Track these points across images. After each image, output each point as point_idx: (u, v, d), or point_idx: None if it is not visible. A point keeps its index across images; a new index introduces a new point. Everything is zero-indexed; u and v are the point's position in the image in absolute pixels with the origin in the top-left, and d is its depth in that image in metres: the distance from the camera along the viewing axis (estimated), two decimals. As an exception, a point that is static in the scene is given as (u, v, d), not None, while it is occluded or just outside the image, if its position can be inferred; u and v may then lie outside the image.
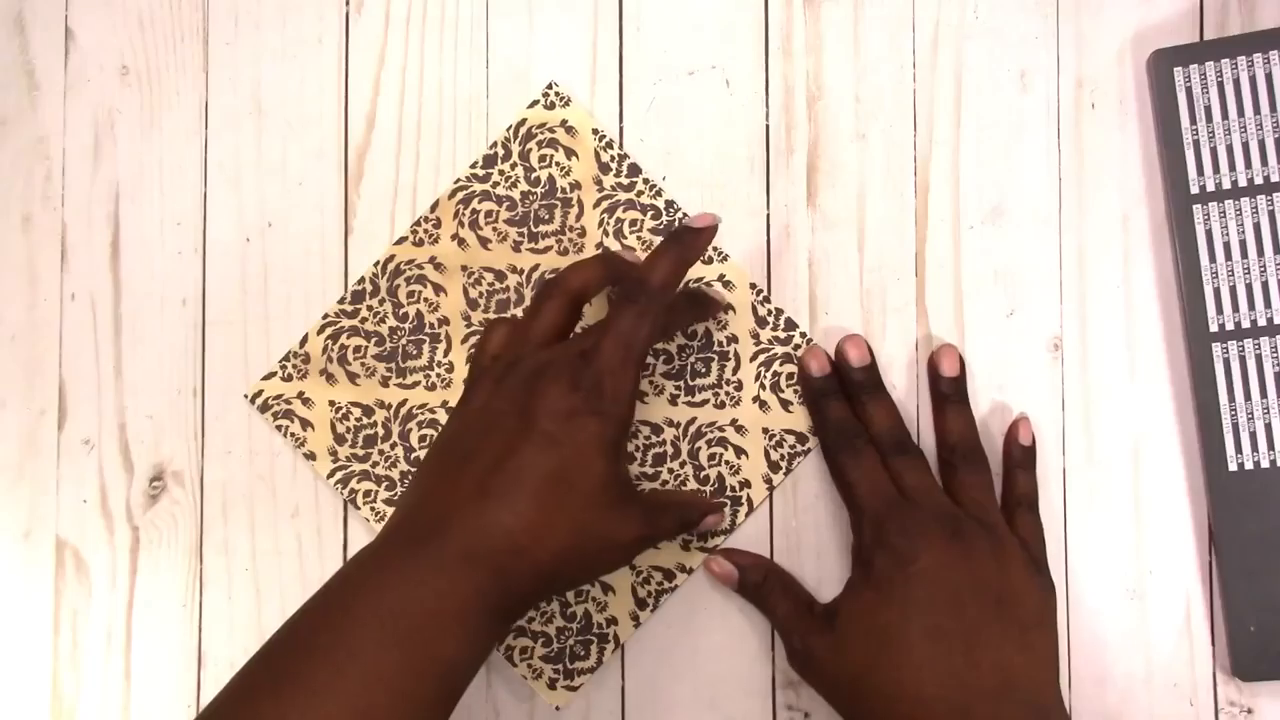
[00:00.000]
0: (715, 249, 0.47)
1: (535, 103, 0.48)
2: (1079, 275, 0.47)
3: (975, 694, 0.39)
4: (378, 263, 0.48)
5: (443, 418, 0.47)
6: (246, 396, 0.48)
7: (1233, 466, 0.45)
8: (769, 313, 0.47)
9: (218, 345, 0.48)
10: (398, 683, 0.35)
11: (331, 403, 0.47)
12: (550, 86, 0.48)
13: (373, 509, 0.47)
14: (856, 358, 0.45)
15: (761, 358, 0.47)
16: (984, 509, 0.43)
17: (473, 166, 0.48)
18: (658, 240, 0.47)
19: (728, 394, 0.47)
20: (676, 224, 0.47)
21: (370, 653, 0.35)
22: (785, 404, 0.47)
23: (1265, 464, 0.45)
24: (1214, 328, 0.45)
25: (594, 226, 0.47)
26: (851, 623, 0.42)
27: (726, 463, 0.47)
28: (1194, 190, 0.46)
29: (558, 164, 0.48)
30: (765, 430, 0.47)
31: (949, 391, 0.45)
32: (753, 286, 0.47)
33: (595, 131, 0.48)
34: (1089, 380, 0.47)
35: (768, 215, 0.48)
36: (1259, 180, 0.45)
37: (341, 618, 0.36)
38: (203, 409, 0.48)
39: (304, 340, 0.48)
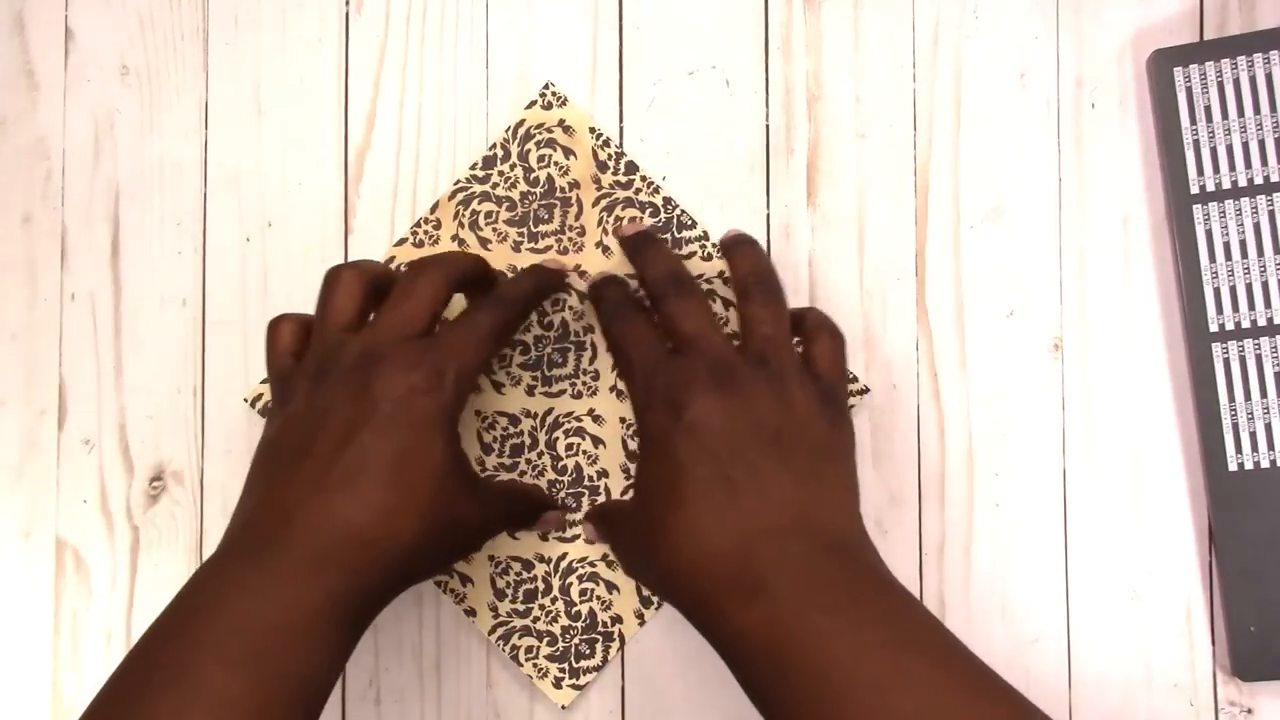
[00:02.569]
0: (714, 245, 0.47)
1: (533, 103, 0.48)
2: (1079, 275, 0.47)
3: (756, 538, 0.35)
4: (378, 263, 0.48)
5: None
6: (246, 400, 0.48)
7: (1233, 466, 0.45)
8: None
9: (218, 345, 0.48)
10: (249, 707, 0.33)
11: (331, 403, 0.47)
12: (547, 86, 0.48)
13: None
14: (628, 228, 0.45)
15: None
16: (773, 343, 0.40)
17: (472, 168, 0.48)
18: None
19: None
20: (675, 220, 0.47)
21: (216, 680, 0.33)
22: None
23: (1265, 464, 0.45)
24: (1214, 328, 0.45)
25: (593, 225, 0.47)
26: (636, 494, 0.39)
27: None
28: (1194, 190, 0.46)
29: (556, 164, 0.48)
30: None
31: (736, 237, 0.44)
32: None
33: (592, 130, 0.48)
34: (1089, 380, 0.47)
35: (768, 215, 0.48)
36: (1259, 180, 0.45)
37: (183, 646, 0.34)
38: (203, 409, 0.48)
39: (304, 340, 0.48)
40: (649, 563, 0.38)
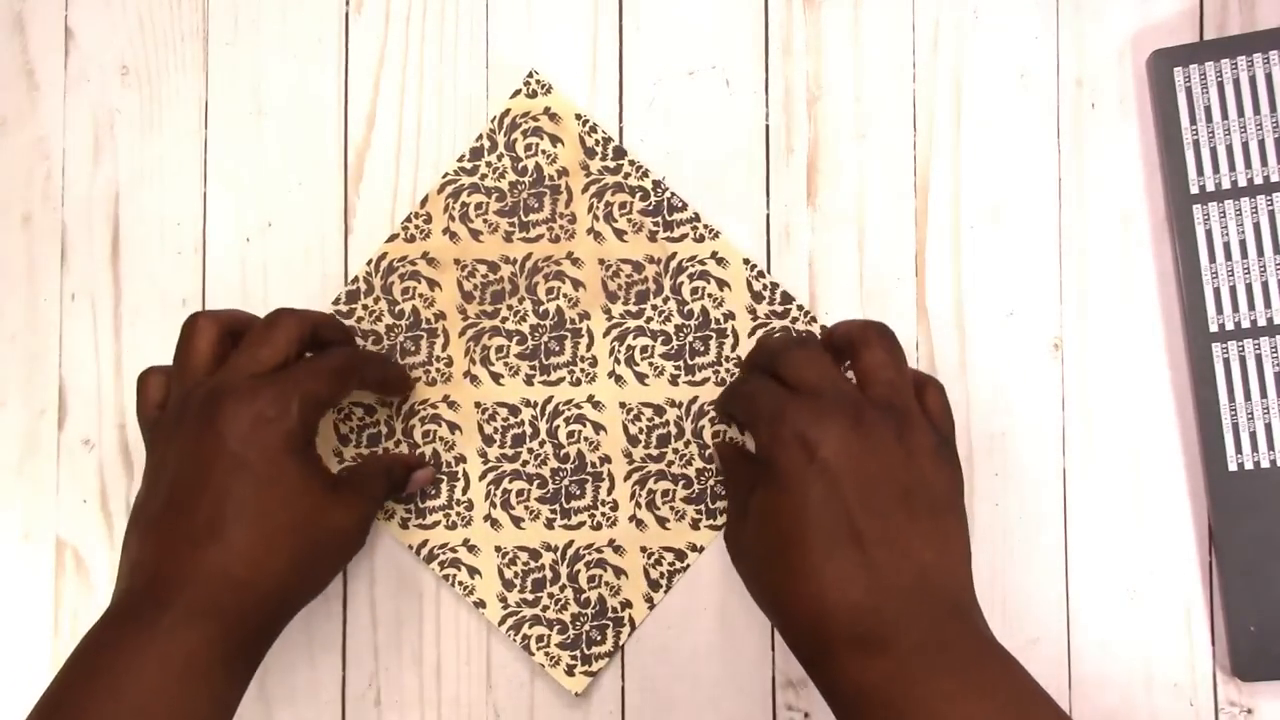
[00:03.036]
0: (706, 226, 0.47)
1: (517, 92, 0.48)
2: (1079, 275, 0.47)
3: (884, 594, 0.36)
4: (370, 261, 0.48)
5: (445, 412, 0.47)
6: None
7: (1233, 466, 0.45)
8: (764, 287, 0.47)
9: (217, 345, 0.48)
10: None
11: (331, 403, 0.47)
12: (531, 74, 0.48)
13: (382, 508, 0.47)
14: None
15: (760, 333, 0.47)
16: (894, 389, 0.39)
17: (459, 160, 0.48)
18: (648, 221, 0.47)
19: (728, 371, 0.47)
20: (666, 203, 0.47)
21: None
22: None
23: (1265, 464, 0.45)
24: (1214, 328, 0.45)
25: (584, 211, 0.47)
26: (759, 523, 0.39)
27: (731, 439, 0.47)
28: (1194, 190, 0.46)
29: (544, 152, 0.48)
30: None
31: (836, 324, 0.42)
32: (746, 262, 0.47)
33: (579, 117, 0.48)
34: (1089, 380, 0.47)
35: (768, 215, 0.48)
36: (1259, 180, 0.45)
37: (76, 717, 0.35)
38: (202, 409, 0.48)
39: (303, 340, 0.48)
40: (768, 593, 0.39)
